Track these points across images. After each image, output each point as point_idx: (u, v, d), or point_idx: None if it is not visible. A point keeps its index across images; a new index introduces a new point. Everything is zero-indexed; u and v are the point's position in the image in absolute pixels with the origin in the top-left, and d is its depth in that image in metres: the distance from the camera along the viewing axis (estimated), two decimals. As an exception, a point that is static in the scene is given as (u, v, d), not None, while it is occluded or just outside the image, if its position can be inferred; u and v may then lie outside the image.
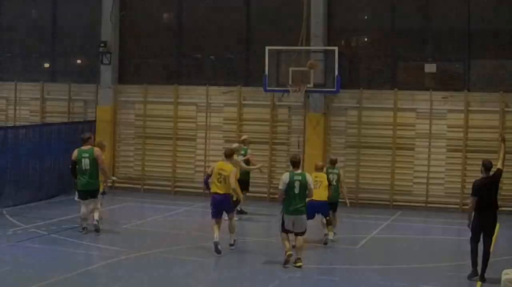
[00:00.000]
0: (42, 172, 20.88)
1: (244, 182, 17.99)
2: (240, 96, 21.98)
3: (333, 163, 16.54)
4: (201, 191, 22.08)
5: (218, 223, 14.73)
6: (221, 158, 15.43)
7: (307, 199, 13.81)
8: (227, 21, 22.57)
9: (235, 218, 15.69)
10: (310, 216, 14.73)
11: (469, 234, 13.27)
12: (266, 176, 21.07)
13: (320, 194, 15.19)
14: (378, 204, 20.68)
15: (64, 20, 24.06)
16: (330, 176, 16.02)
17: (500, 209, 18.76)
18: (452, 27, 20.72)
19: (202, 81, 22.66)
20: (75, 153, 16.24)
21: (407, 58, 21.65)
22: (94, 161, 16.01)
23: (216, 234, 14.53)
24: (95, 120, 22.94)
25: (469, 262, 13.48)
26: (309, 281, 12.98)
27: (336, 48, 20.15)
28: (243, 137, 19.47)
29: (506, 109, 19.93)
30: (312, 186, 13.76)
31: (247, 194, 18.62)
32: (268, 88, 20.69)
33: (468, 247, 13.15)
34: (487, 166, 13.14)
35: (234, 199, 15.39)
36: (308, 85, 20.15)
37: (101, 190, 16.56)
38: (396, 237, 17.36)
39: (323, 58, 20.85)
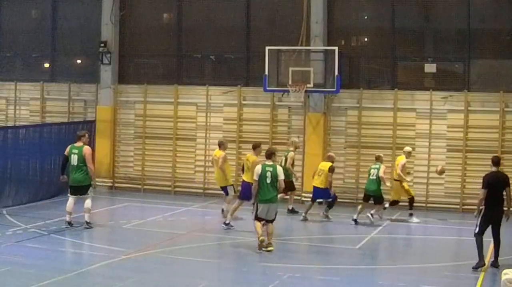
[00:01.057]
0: (42, 172, 20.86)
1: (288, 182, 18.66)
2: (240, 96, 21.98)
3: (377, 158, 18.46)
4: (201, 191, 22.17)
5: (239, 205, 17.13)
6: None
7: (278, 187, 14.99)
8: (227, 21, 22.56)
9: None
10: (314, 199, 18.53)
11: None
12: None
13: (321, 181, 18.14)
14: (378, 204, 20.65)
15: (64, 20, 24.03)
16: (372, 170, 18.20)
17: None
18: (452, 27, 20.72)
19: (202, 81, 22.67)
20: (68, 148, 16.82)
21: (407, 58, 21.62)
22: (82, 158, 16.42)
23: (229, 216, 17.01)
24: (95, 120, 22.94)
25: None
26: (309, 281, 12.98)
27: (336, 48, 20.14)
28: (292, 139, 19.92)
29: (506, 109, 19.93)
30: (282, 178, 14.83)
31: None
32: (268, 88, 20.69)
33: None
34: (494, 161, 14.00)
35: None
36: (308, 85, 20.15)
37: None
38: (396, 237, 17.36)
39: (323, 58, 20.86)
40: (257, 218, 14.85)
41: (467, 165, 20.12)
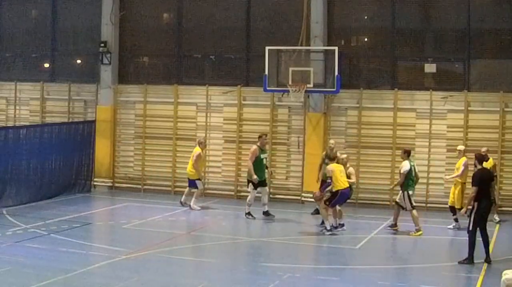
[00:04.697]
0: (42, 172, 20.88)
1: None
2: (240, 96, 21.98)
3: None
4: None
5: None
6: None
7: None
8: (227, 21, 22.57)
9: None
10: None
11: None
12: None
13: None
14: (378, 204, 20.67)
15: (64, 20, 24.04)
16: None
17: (500, 209, 18.87)
18: (452, 27, 20.73)
19: (202, 81, 22.67)
20: None
21: (407, 58, 21.63)
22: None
23: None
24: (95, 120, 22.94)
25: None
26: (309, 281, 12.98)
27: (336, 48, 20.15)
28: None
29: (506, 109, 19.94)
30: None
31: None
32: (268, 88, 20.69)
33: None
34: (479, 158, 14.58)
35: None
36: (308, 85, 20.15)
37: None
38: (396, 237, 17.35)
39: (323, 58, 20.86)
40: None
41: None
